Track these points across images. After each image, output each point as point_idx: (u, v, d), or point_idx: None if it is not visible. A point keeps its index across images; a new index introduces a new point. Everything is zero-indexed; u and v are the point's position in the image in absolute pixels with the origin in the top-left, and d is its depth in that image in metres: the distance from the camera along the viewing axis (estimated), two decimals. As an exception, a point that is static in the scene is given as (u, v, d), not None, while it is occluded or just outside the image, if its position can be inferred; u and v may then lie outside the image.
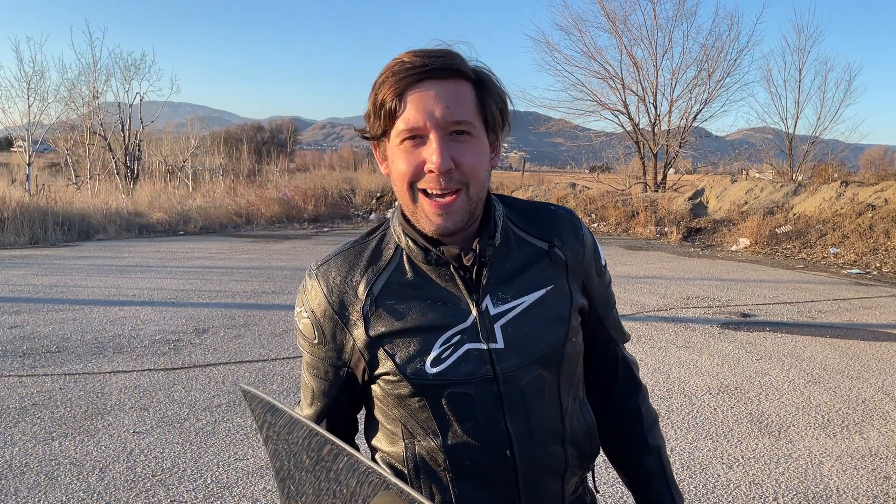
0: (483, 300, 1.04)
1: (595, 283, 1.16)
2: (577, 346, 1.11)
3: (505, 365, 1.03)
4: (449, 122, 0.97)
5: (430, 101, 0.96)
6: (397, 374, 1.04)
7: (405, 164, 0.99)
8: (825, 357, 5.64)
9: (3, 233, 12.88)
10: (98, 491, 3.17)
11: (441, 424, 1.04)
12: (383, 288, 1.06)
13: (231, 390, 4.62)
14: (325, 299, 1.07)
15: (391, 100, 0.97)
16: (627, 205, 17.74)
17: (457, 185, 0.98)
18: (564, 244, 1.11)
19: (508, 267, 1.07)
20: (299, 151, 57.22)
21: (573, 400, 1.11)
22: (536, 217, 1.13)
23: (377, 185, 22.25)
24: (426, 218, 1.01)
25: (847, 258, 11.73)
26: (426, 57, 0.98)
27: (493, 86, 1.03)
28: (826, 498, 3.22)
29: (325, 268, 1.10)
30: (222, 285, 8.63)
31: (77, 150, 21.22)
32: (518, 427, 1.04)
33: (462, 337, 1.03)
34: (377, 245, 1.10)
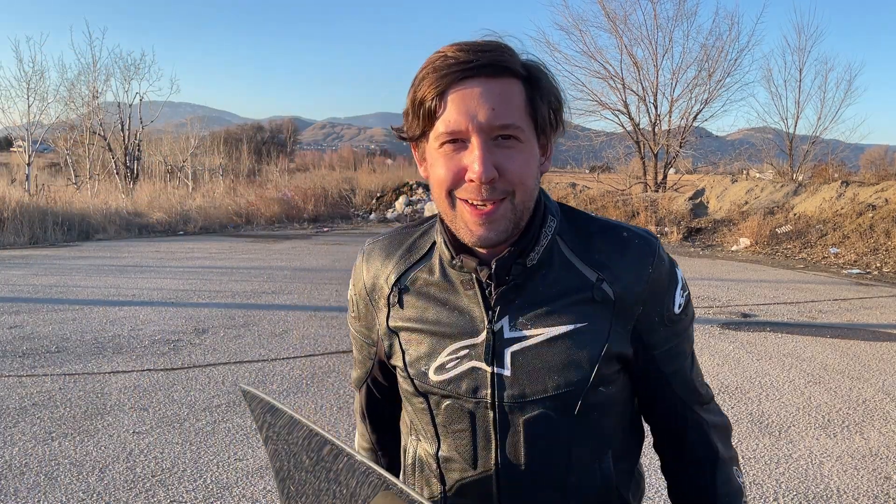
0: (500, 321, 0.96)
1: (658, 331, 1.00)
2: (606, 395, 0.98)
3: (506, 393, 0.95)
4: (494, 125, 0.87)
5: (474, 101, 0.87)
6: (404, 370, 1.02)
7: (444, 169, 0.90)
8: (825, 357, 5.63)
9: (3, 233, 12.87)
10: (98, 491, 3.17)
11: (437, 433, 1.01)
12: (410, 282, 1.02)
13: (231, 390, 4.61)
14: (363, 279, 1.08)
15: (431, 99, 0.88)
16: (628, 205, 17.73)
17: (500, 194, 0.89)
18: (617, 280, 0.96)
19: (541, 291, 0.96)
20: (299, 151, 57.23)
21: (588, 453, 0.99)
22: (597, 241, 0.99)
23: (377, 185, 22.25)
24: (466, 227, 0.92)
25: (847, 258, 11.72)
26: (472, 51, 0.87)
27: (546, 83, 0.92)
28: (826, 498, 3.21)
29: (371, 248, 1.09)
30: (222, 285, 8.62)
31: (77, 150, 21.22)
32: (509, 462, 0.97)
33: (470, 352, 0.97)
34: (419, 237, 1.06)
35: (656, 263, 0.98)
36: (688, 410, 1.04)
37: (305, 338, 6.02)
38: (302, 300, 7.76)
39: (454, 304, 0.99)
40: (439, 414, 1.00)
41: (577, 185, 20.87)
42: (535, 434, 0.96)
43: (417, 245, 1.05)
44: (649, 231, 1.02)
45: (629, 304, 0.96)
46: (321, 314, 6.98)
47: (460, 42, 0.90)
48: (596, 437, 0.99)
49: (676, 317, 1.01)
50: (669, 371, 1.02)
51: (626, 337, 0.97)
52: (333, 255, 11.82)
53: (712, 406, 1.08)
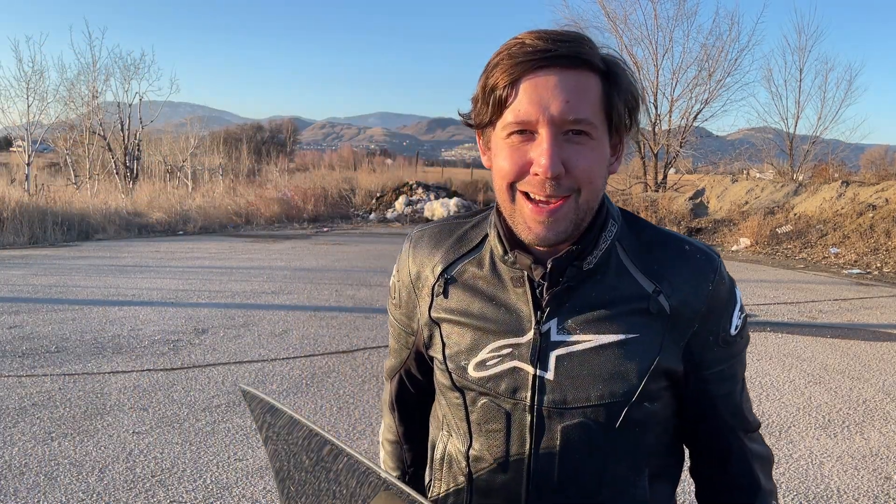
0: (548, 322, 0.93)
1: (712, 351, 0.96)
2: (649, 412, 0.94)
3: (546, 399, 0.92)
4: (566, 119, 0.83)
5: (548, 92, 0.83)
6: (443, 362, 1.00)
7: (508, 161, 0.87)
8: (826, 357, 5.63)
9: (3, 233, 12.87)
10: (97, 491, 3.16)
11: (471, 430, 0.98)
12: (457, 274, 1.00)
13: (230, 390, 4.61)
14: (408, 266, 1.06)
15: (503, 86, 0.84)
16: (628, 205, 17.73)
17: (565, 191, 0.85)
18: (675, 292, 0.92)
19: (594, 297, 0.92)
20: (299, 151, 57.18)
21: (625, 469, 0.95)
22: (658, 251, 0.95)
23: (377, 185, 22.25)
24: (524, 224, 0.88)
25: (848, 258, 11.72)
26: (550, 40, 0.83)
27: (624, 80, 0.88)
28: (827, 498, 3.21)
29: (419, 236, 1.07)
30: (222, 285, 8.62)
31: (76, 149, 21.20)
32: (542, 469, 0.93)
33: (513, 351, 0.94)
34: (471, 228, 1.03)
35: (717, 281, 0.94)
36: (732, 437, 1.00)
37: (305, 338, 6.02)
38: (302, 300, 7.76)
39: (502, 300, 0.96)
40: (474, 411, 0.97)
41: (577, 185, 20.86)
42: (572, 443, 0.92)
43: (468, 236, 1.02)
44: (712, 248, 0.99)
45: (685, 320, 0.93)
46: (321, 314, 6.98)
47: (539, 30, 0.86)
48: (634, 454, 0.95)
49: (732, 338, 0.98)
50: (719, 394, 0.98)
51: (677, 353, 0.93)
52: (333, 255, 11.82)
53: (756, 435, 1.04)
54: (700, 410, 0.99)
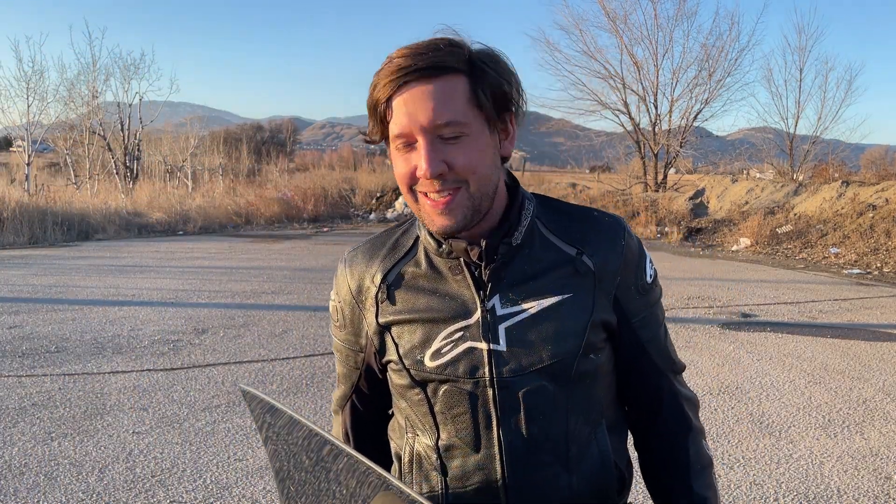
0: (491, 299, 1.00)
1: (633, 300, 1.06)
2: (596, 363, 1.02)
3: (503, 369, 0.98)
4: (436, 124, 0.92)
5: (416, 103, 0.91)
6: (399, 362, 1.04)
7: (402, 167, 0.96)
8: (826, 357, 5.63)
9: (3, 233, 12.87)
10: (97, 491, 3.16)
11: (436, 421, 1.03)
12: (397, 277, 1.06)
13: (230, 390, 4.61)
14: (348, 284, 1.10)
15: (381, 104, 0.94)
16: (628, 204, 17.73)
17: (453, 184, 0.94)
18: (595, 252, 1.03)
19: (526, 269, 1.01)
20: (299, 151, 57.17)
21: (584, 423, 1.03)
22: (572, 221, 1.06)
23: (377, 185, 22.24)
24: (429, 218, 0.98)
25: (848, 258, 11.72)
26: (412, 55, 0.92)
27: (489, 71, 0.94)
28: (827, 498, 3.21)
29: (353, 255, 1.13)
30: (222, 285, 8.62)
31: (76, 149, 21.21)
32: (512, 439, 0.99)
33: (464, 334, 1.00)
34: (400, 236, 1.11)
35: (627, 237, 1.06)
36: (663, 379, 1.10)
37: (305, 338, 6.02)
38: (302, 300, 7.76)
39: (444, 290, 1.02)
40: (437, 402, 1.02)
41: (577, 185, 20.88)
42: (535, 406, 0.99)
43: (400, 242, 1.09)
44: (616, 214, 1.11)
45: (609, 275, 1.03)
46: (321, 314, 6.98)
47: (407, 45, 0.94)
48: (589, 405, 1.03)
49: (649, 286, 1.09)
50: (646, 338, 1.08)
51: (608, 306, 1.03)
52: (333, 255, 11.82)
53: (682, 379, 1.14)
54: (632, 355, 1.08)
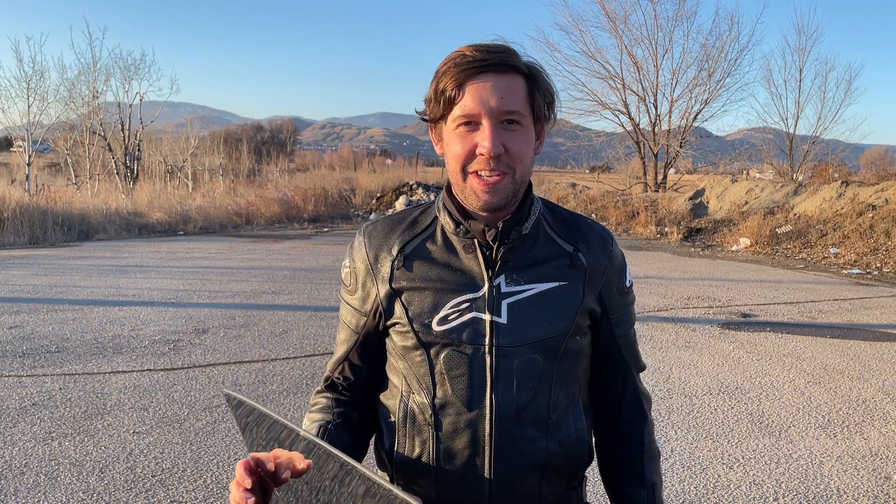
0: (497, 277, 1.14)
1: (615, 298, 1.22)
2: (580, 345, 1.17)
3: (502, 340, 1.11)
4: (502, 111, 1.06)
5: (487, 91, 1.06)
6: (406, 324, 1.14)
7: (460, 146, 1.09)
8: (826, 357, 5.63)
9: (3, 233, 12.87)
10: (98, 491, 3.16)
11: (434, 381, 1.13)
12: (414, 250, 1.17)
13: (231, 391, 4.61)
14: (365, 251, 1.20)
15: (451, 88, 1.07)
16: (628, 205, 17.74)
17: (504, 167, 1.08)
18: (589, 251, 1.19)
19: (530, 256, 1.16)
20: (299, 151, 57.19)
21: (565, 397, 1.15)
22: (571, 224, 1.22)
23: (377, 185, 22.25)
24: (475, 195, 1.10)
25: (847, 258, 11.72)
26: (486, 52, 1.07)
27: (543, 81, 1.12)
28: (826, 498, 3.21)
29: (372, 227, 1.23)
30: (222, 285, 8.62)
31: (77, 150, 21.21)
32: (502, 402, 1.10)
33: (470, 305, 1.13)
34: (419, 214, 1.23)
35: (614, 245, 1.23)
36: (629, 373, 1.26)
37: (305, 338, 6.02)
38: (302, 300, 7.77)
39: (456, 265, 1.15)
40: (438, 363, 1.13)
41: (577, 185, 20.87)
42: (525, 375, 1.11)
43: (419, 220, 1.21)
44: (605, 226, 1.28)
45: (597, 273, 1.18)
46: (321, 314, 6.98)
47: (476, 44, 1.10)
48: (570, 383, 1.16)
49: (627, 290, 1.25)
50: (620, 334, 1.23)
51: (594, 297, 1.18)
52: (333, 255, 11.82)
53: (641, 378, 1.30)
54: (607, 347, 1.23)
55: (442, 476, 1.13)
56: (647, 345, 5.91)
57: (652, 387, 4.79)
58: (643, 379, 1.32)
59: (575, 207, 18.61)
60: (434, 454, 1.13)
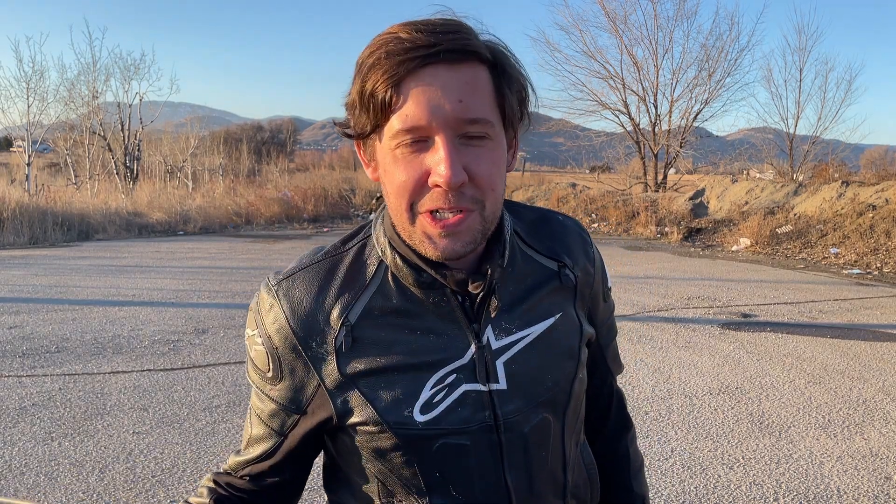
0: (484, 331, 0.86)
1: (601, 309, 1.01)
2: (583, 382, 0.96)
3: (507, 409, 0.86)
4: (462, 119, 0.75)
5: (438, 92, 0.74)
6: (378, 423, 0.84)
7: (403, 174, 0.77)
8: (826, 357, 5.63)
9: (3, 233, 12.87)
10: (98, 491, 3.16)
11: (429, 482, 0.86)
12: (362, 315, 0.84)
13: (230, 391, 4.61)
14: (288, 325, 0.85)
15: (385, 89, 0.74)
16: (628, 205, 17.74)
17: (469, 202, 0.77)
18: (575, 262, 0.94)
19: (513, 290, 0.88)
20: (299, 151, 57.22)
21: (575, 445, 0.97)
22: (544, 229, 0.95)
23: (377, 186, 22.05)
24: (429, 240, 0.79)
25: (848, 258, 11.72)
26: (432, 33, 0.74)
27: (511, 69, 0.80)
28: (827, 498, 3.21)
29: (289, 284, 0.86)
30: (222, 285, 8.62)
31: (76, 150, 21.21)
32: (518, 481, 0.88)
33: (458, 377, 0.84)
34: (355, 258, 0.88)
35: (591, 241, 1.00)
36: (613, 380, 1.10)
37: (305, 338, 6.02)
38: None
39: (425, 328, 0.84)
40: (428, 459, 0.85)
41: (577, 185, 20.87)
42: (539, 442, 0.89)
43: (357, 269, 0.87)
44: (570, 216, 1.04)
45: (586, 285, 0.96)
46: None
47: (414, 21, 0.76)
48: (578, 428, 0.98)
49: (609, 292, 1.04)
50: (605, 344, 1.05)
51: (585, 318, 0.97)
52: (333, 255, 11.81)
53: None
54: (594, 363, 1.04)
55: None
56: (647, 345, 5.91)
57: (652, 387, 4.80)
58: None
59: (575, 207, 18.61)
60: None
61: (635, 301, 7.82)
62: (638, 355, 5.56)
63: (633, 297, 8.09)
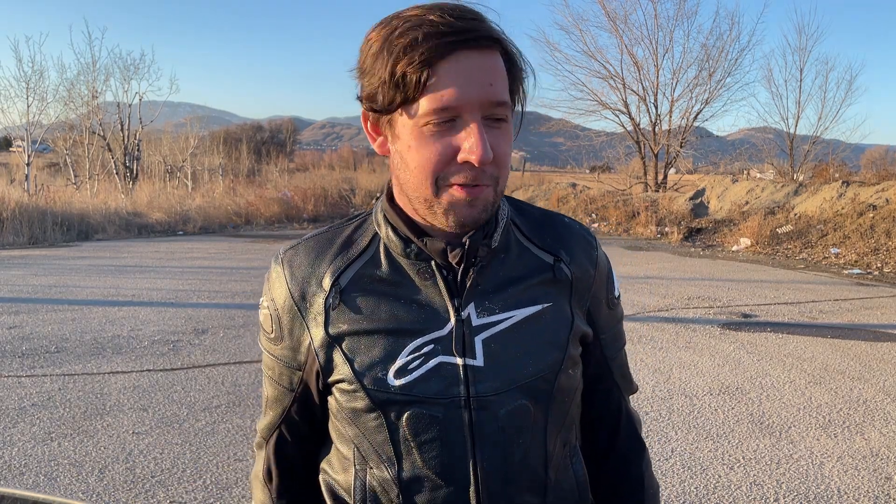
0: (465, 308, 0.89)
1: (604, 314, 1.01)
2: (573, 380, 0.95)
3: (482, 387, 0.87)
4: (491, 102, 0.80)
5: (471, 75, 0.79)
6: (353, 381, 0.88)
7: (432, 151, 0.81)
8: (826, 357, 5.63)
9: (3, 233, 12.87)
10: (97, 491, 3.16)
11: (398, 450, 0.89)
12: (352, 280, 0.91)
13: (230, 391, 4.61)
14: (287, 288, 0.93)
15: (419, 70, 0.78)
16: (628, 205, 17.73)
17: (488, 179, 0.83)
18: (573, 260, 0.96)
19: (502, 275, 0.91)
20: (299, 151, 57.24)
21: (562, 445, 0.95)
22: (546, 227, 0.98)
23: (377, 185, 22.23)
24: (451, 209, 0.84)
25: (848, 258, 11.72)
26: (461, 18, 0.79)
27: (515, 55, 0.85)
28: (827, 499, 3.21)
29: (292, 253, 0.96)
30: (222, 285, 8.62)
31: (76, 150, 21.20)
32: (489, 467, 0.88)
33: (435, 347, 0.88)
34: (352, 231, 0.95)
35: (598, 247, 1.01)
36: (622, 399, 1.06)
37: (305, 338, 6.02)
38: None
39: (409, 297, 0.89)
40: (401, 427, 0.88)
41: (577, 185, 20.87)
42: (515, 428, 0.89)
43: (353, 239, 0.94)
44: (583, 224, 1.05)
45: (584, 285, 0.97)
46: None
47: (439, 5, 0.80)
48: (565, 427, 0.95)
49: (616, 301, 1.03)
50: (612, 355, 1.03)
51: (583, 317, 0.97)
52: (333, 255, 11.81)
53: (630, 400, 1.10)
54: (599, 372, 1.02)
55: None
56: (647, 345, 5.91)
57: (652, 387, 4.79)
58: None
59: (575, 207, 18.60)
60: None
61: (635, 301, 7.81)
62: (638, 355, 5.56)
63: (633, 297, 8.08)
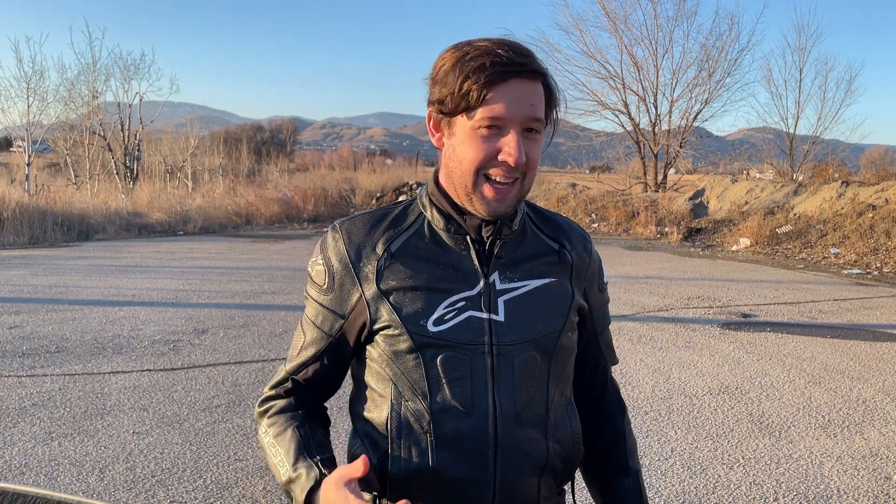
0: (492, 274, 1.12)
1: (596, 295, 1.25)
2: (571, 341, 1.18)
3: (502, 338, 1.09)
4: (531, 118, 1.05)
5: (518, 97, 1.04)
6: (399, 326, 1.08)
7: (479, 150, 1.05)
8: (826, 357, 5.63)
9: (3, 233, 12.87)
10: (98, 491, 3.16)
11: (432, 386, 1.08)
12: (401, 247, 1.13)
13: (230, 391, 4.61)
14: (345, 248, 1.14)
15: (480, 89, 1.03)
16: (628, 205, 17.73)
17: (518, 174, 1.07)
18: (573, 248, 1.20)
19: (520, 253, 1.15)
20: (299, 151, 57.18)
21: (560, 395, 1.15)
22: (552, 222, 1.23)
23: (377, 185, 22.26)
24: (484, 202, 1.08)
25: (848, 258, 11.72)
26: (518, 54, 1.04)
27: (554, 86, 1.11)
28: (827, 498, 3.21)
29: (350, 223, 1.17)
30: (222, 285, 8.62)
31: (76, 150, 21.20)
32: (505, 403, 1.08)
33: (466, 303, 1.10)
34: (402, 211, 1.18)
35: (592, 243, 1.27)
36: (606, 365, 1.31)
37: (305, 338, 6.02)
38: (301, 300, 7.74)
39: (448, 262, 1.12)
40: (436, 366, 1.08)
41: (577, 185, 20.86)
42: (525, 374, 1.10)
43: (402, 217, 1.17)
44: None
45: (582, 269, 1.21)
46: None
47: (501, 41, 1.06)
48: (565, 379, 1.17)
49: (605, 287, 1.29)
50: (600, 330, 1.27)
51: (581, 294, 1.21)
52: (333, 255, 11.81)
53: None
54: (588, 346, 1.26)
55: (443, 485, 1.09)
56: (647, 345, 5.91)
57: (652, 387, 4.80)
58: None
59: (575, 207, 18.61)
60: (434, 463, 1.08)
61: (635, 301, 7.82)
62: (638, 355, 5.56)
63: (633, 297, 8.09)
